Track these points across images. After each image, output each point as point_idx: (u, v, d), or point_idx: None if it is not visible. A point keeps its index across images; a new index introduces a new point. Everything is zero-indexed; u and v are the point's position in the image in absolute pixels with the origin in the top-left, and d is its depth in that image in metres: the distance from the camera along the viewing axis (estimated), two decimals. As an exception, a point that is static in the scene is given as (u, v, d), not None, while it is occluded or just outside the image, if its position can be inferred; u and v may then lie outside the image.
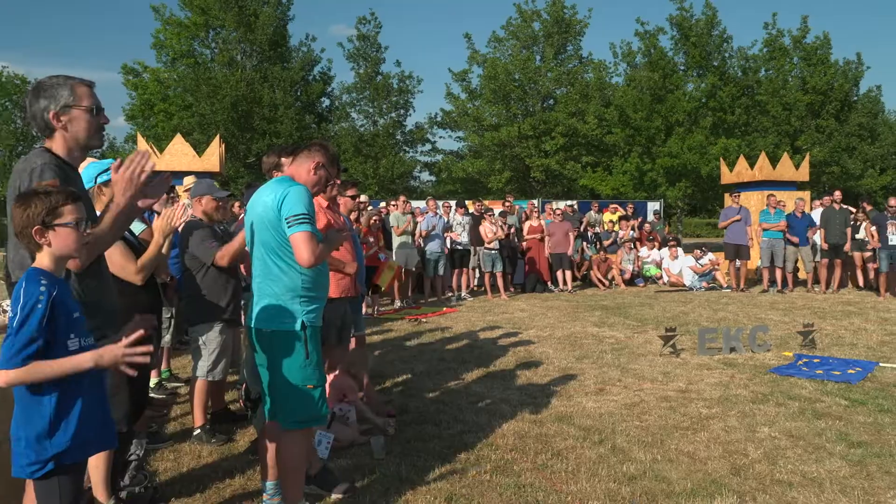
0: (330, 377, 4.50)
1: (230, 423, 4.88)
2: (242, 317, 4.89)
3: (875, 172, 33.53)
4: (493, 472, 3.94)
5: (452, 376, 6.38)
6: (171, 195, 7.17)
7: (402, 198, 12.46)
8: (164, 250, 3.74)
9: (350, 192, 5.35)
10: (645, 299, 12.27)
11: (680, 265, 13.97)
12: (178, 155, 12.59)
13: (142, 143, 13.64)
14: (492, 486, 3.74)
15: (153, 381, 5.64)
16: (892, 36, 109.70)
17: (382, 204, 13.53)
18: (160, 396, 5.71)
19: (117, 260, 3.45)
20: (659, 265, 14.47)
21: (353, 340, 5.35)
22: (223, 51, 28.61)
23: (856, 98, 32.01)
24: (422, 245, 12.20)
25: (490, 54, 30.79)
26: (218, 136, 13.30)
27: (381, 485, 3.78)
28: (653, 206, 19.70)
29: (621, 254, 14.76)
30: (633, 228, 15.65)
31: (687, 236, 25.82)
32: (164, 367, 6.34)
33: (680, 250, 14.39)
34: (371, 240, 10.21)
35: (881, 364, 6.60)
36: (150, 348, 2.34)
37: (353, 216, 8.21)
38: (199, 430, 4.56)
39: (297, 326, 3.14)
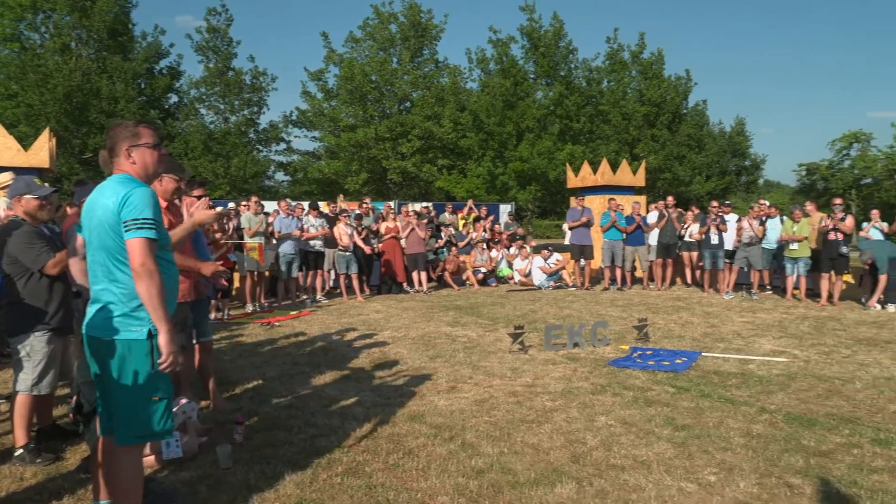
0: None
1: (59, 441, 4.50)
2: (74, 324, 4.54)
3: (702, 179, 36.79)
4: (345, 474, 3.93)
5: (305, 380, 6.28)
6: None
7: (254, 198, 12.07)
8: None
9: (196, 192, 5.12)
10: (497, 299, 12.68)
11: (530, 265, 14.58)
12: (0, 148, 11.44)
13: None
14: (343, 489, 3.72)
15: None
16: (715, 55, 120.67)
17: (232, 204, 13.02)
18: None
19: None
20: (511, 264, 15.02)
21: (197, 347, 5.14)
22: (55, 36, 26.40)
23: (685, 111, 34.93)
24: (274, 244, 11.90)
25: (347, 54, 30.63)
26: (48, 129, 12.22)
27: (227, 494, 3.65)
28: (505, 208, 20.42)
29: (475, 254, 15.15)
30: (485, 230, 16.11)
31: (537, 238, 26.99)
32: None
33: (529, 251, 15.01)
34: (218, 237, 9.91)
35: (704, 354, 7.25)
36: None
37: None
38: (21, 451, 4.16)
39: (144, 335, 2.94)
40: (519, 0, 28.46)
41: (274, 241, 11.87)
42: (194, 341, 5.06)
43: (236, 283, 11.86)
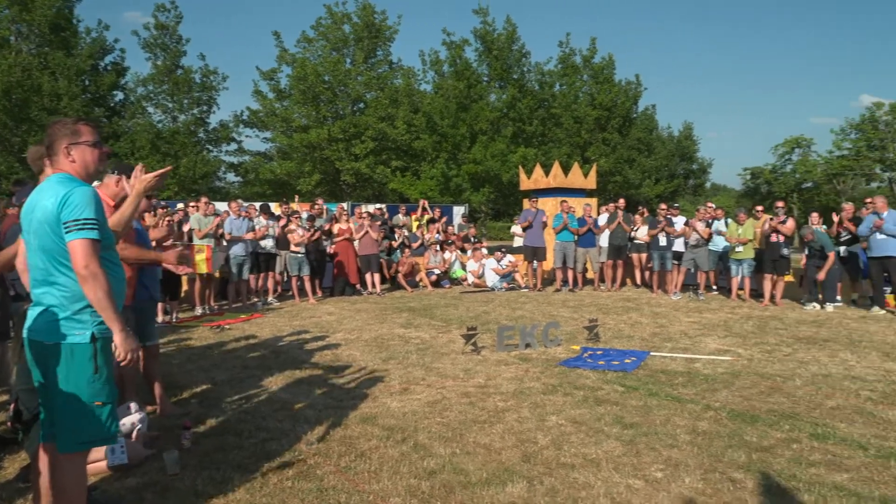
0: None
1: (-3, 449, 4.36)
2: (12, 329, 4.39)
3: (651, 182, 37.56)
4: (296, 477, 3.89)
5: (256, 384, 6.19)
6: None
7: (203, 199, 11.85)
8: None
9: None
10: (450, 300, 12.72)
11: (483, 267, 14.66)
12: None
13: None
14: (294, 492, 3.69)
15: None
16: (664, 60, 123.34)
17: (180, 205, 12.78)
18: None
19: None
20: (464, 266, 15.08)
21: (142, 352, 5.02)
22: (-7, 31, 25.47)
23: (635, 115, 35.62)
24: (224, 245, 11.71)
25: (300, 54, 30.32)
26: (-15, 127, 11.78)
27: (174, 501, 3.58)
28: (459, 210, 20.50)
29: (428, 256, 15.17)
30: (439, 231, 16.15)
31: (491, 239, 27.15)
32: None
33: (484, 252, 15.10)
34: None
35: (652, 353, 7.40)
36: None
37: (147, 217, 7.70)
38: (-44, 459, 4.02)
39: (87, 338, 2.87)
40: (472, 3, 28.75)
41: (224, 243, 11.68)
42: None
43: (185, 286, 11.62)
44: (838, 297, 11.51)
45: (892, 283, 10.70)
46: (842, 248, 11.62)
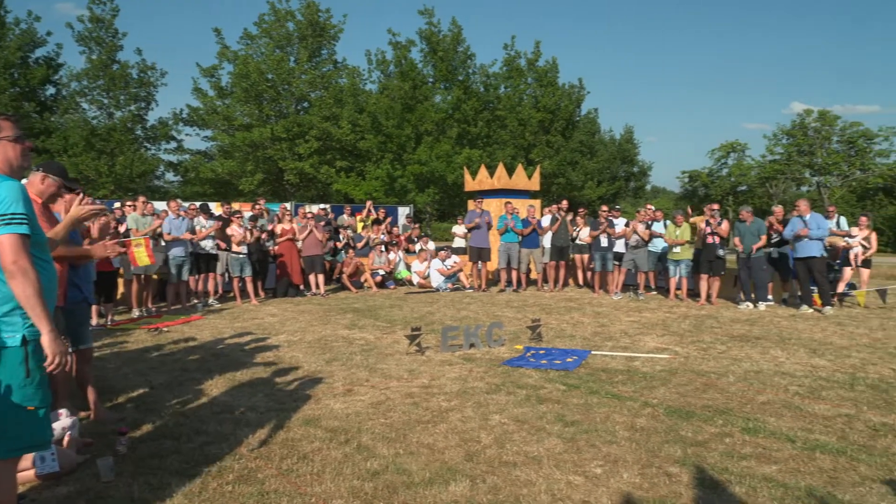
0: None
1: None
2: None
3: (593, 184, 38.24)
4: (236, 481, 3.83)
5: (195, 387, 6.06)
6: None
7: (141, 198, 11.53)
8: None
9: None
10: (395, 301, 12.70)
11: (428, 267, 14.69)
12: None
13: None
14: (234, 497, 3.63)
15: None
16: (606, 65, 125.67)
17: (117, 205, 12.41)
18: None
19: None
20: (409, 267, 15.08)
21: (75, 356, 4.87)
22: (-87, 21, 24.26)
23: (578, 118, 36.21)
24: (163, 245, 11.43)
25: (242, 51, 29.77)
26: None
27: (108, 509, 3.48)
28: (404, 210, 20.49)
29: (373, 256, 15.11)
30: (384, 232, 16.10)
31: (437, 240, 27.15)
32: None
33: (430, 253, 15.13)
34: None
35: (593, 352, 7.55)
36: None
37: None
38: None
39: (18, 342, 2.76)
40: (418, 4, 28.71)
41: (163, 244, 11.39)
42: (71, 349, 4.79)
43: (121, 288, 11.30)
44: (770, 297, 11.95)
45: (817, 283, 11.16)
46: (773, 250, 12.07)
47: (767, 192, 45.47)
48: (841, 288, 12.20)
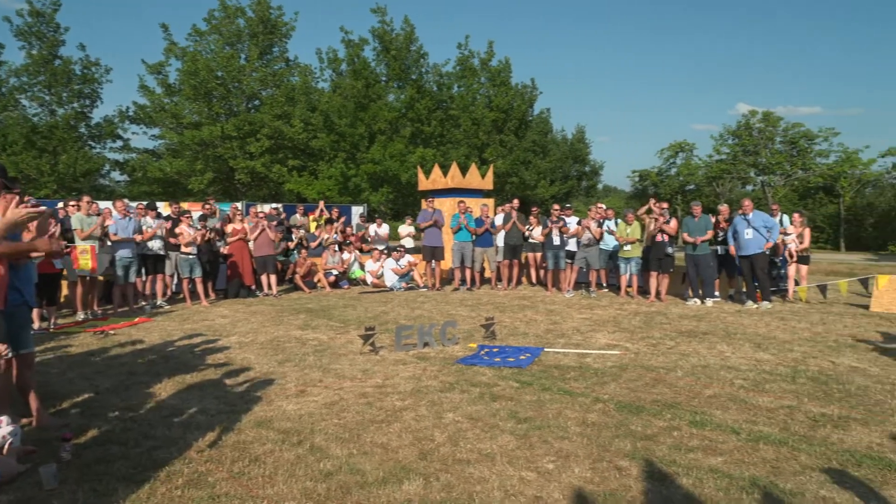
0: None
1: None
2: None
3: (546, 183, 38.62)
4: (186, 486, 3.76)
5: (143, 391, 5.93)
6: None
7: (86, 198, 11.19)
8: None
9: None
10: (349, 301, 12.62)
11: (382, 267, 14.63)
12: None
13: None
14: (184, 501, 3.56)
15: None
16: (558, 65, 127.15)
17: (60, 204, 12.03)
18: None
19: None
20: (363, 266, 15.00)
21: (15, 360, 4.71)
22: None
23: (531, 118, 36.52)
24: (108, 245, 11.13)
25: (190, 48, 29.13)
26: None
27: (51, 517, 3.38)
28: (357, 209, 20.37)
29: (326, 256, 14.99)
30: (337, 232, 15.98)
31: (391, 239, 27.00)
32: None
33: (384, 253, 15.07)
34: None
35: (546, 349, 7.63)
36: None
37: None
38: None
39: None
40: (370, 2, 28.53)
41: (109, 244, 11.10)
42: (11, 354, 4.62)
43: (65, 290, 10.96)
44: (716, 293, 12.27)
45: (758, 279, 11.50)
46: (719, 247, 12.38)
47: (714, 191, 46.58)
48: (791, 284, 12.57)
